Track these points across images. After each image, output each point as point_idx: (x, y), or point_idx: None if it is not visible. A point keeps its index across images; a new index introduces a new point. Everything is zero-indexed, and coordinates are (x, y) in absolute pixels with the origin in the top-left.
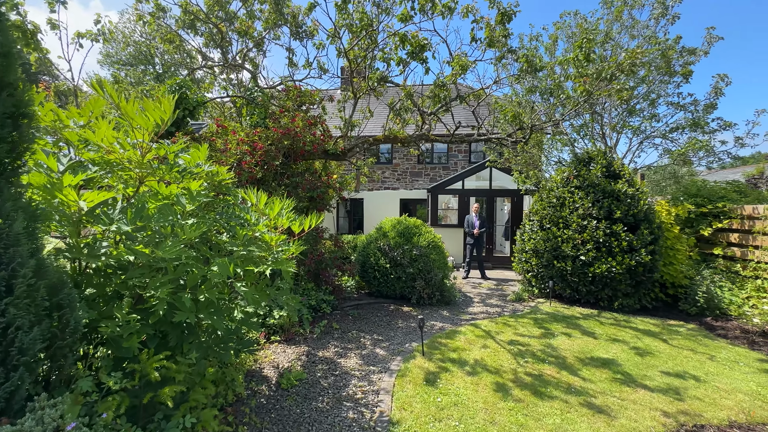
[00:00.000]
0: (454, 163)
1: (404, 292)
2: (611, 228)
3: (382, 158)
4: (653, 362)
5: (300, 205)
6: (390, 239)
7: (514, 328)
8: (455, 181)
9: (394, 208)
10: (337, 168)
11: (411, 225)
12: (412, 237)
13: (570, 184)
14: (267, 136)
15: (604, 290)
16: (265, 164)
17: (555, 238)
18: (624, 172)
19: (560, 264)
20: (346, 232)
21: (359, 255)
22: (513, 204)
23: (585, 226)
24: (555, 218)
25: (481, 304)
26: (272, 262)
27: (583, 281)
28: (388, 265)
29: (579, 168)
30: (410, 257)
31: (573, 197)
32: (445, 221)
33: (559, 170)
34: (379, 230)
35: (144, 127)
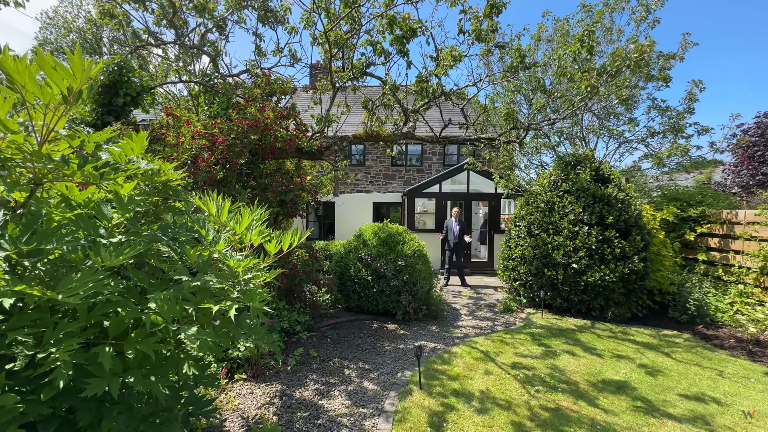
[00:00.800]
0: (428, 165)
1: (388, 307)
2: (603, 234)
3: (354, 160)
4: (667, 383)
5: (270, 211)
6: (371, 248)
7: (513, 347)
8: (432, 184)
9: (367, 211)
10: (311, 169)
11: (394, 232)
12: (396, 245)
13: (558, 188)
14: (230, 128)
15: (597, 299)
16: (227, 162)
17: (545, 244)
18: (613, 176)
19: (551, 272)
20: (316, 238)
21: (336, 266)
22: (490, 208)
23: (577, 232)
24: (544, 224)
25: (470, 317)
26: (238, 296)
27: (575, 290)
28: (370, 277)
29: (567, 171)
30: (394, 268)
31: (562, 202)
32: (421, 226)
33: (544, 174)
34: (358, 238)
35: (44, 99)
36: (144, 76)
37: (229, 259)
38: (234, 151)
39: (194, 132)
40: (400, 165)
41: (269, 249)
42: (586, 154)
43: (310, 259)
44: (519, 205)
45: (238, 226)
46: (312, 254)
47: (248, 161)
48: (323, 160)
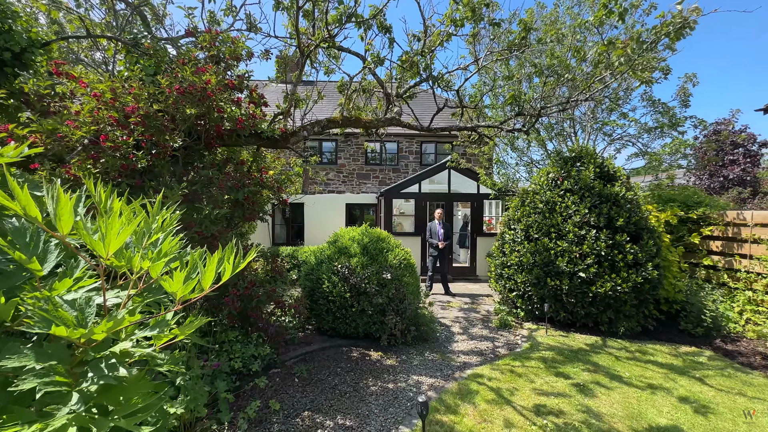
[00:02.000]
0: (404, 164)
1: (370, 330)
2: (613, 238)
3: (325, 158)
4: (723, 425)
5: (216, 214)
6: (351, 258)
7: (528, 379)
8: (411, 183)
9: (339, 213)
10: (275, 161)
11: (376, 238)
12: (379, 254)
13: (559, 187)
14: (152, 95)
15: (606, 312)
16: (153, 146)
17: (546, 250)
18: (619, 174)
19: (554, 282)
20: (283, 243)
21: (306, 279)
22: (473, 209)
23: (583, 236)
24: (544, 227)
25: (465, 337)
26: (88, 392)
27: (581, 302)
28: (348, 293)
29: (567, 168)
30: (378, 282)
31: (565, 202)
32: (399, 229)
33: (541, 171)
34: (333, 244)
35: None
36: (34, 26)
37: (69, 314)
38: (157, 127)
39: (95, 96)
40: (375, 164)
41: (171, 288)
42: (587, 149)
43: (272, 273)
44: (513, 205)
45: (100, 242)
46: (275, 266)
47: (187, 147)
48: (289, 150)
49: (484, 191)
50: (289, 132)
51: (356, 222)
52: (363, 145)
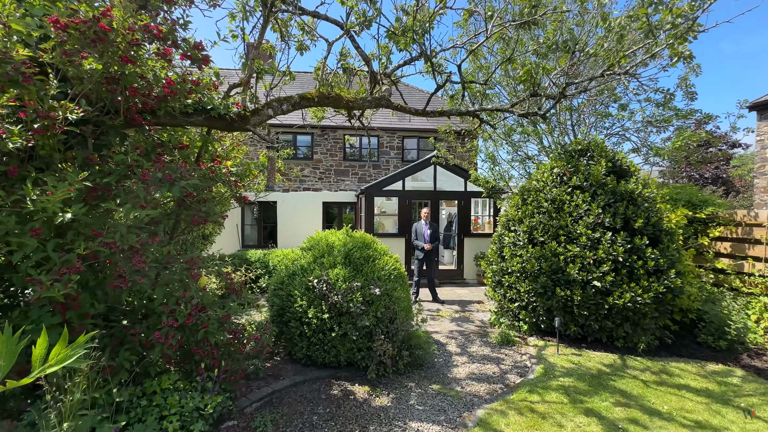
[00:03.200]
0: (385, 161)
1: (353, 358)
2: (632, 242)
3: (300, 153)
4: None
5: (135, 216)
6: (331, 269)
7: (555, 422)
8: (394, 180)
9: (315, 213)
10: (235, 150)
11: (360, 243)
12: (365, 264)
13: (566, 183)
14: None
15: (623, 326)
16: (36, 117)
17: (555, 256)
18: (633, 169)
19: (564, 292)
20: (254, 245)
21: (274, 296)
22: (460, 208)
23: (598, 240)
24: (551, 228)
25: (465, 358)
26: None
27: (596, 315)
28: (327, 315)
29: (574, 163)
30: (364, 300)
31: (574, 200)
32: (381, 230)
33: (543, 166)
34: (308, 252)
35: None
36: None
37: None
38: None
39: None
40: (354, 160)
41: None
42: (597, 141)
43: (225, 292)
44: (512, 204)
45: None
46: (230, 284)
47: (99, 124)
48: (253, 135)
49: (472, 189)
50: (249, 110)
51: (334, 222)
52: (343, 138)
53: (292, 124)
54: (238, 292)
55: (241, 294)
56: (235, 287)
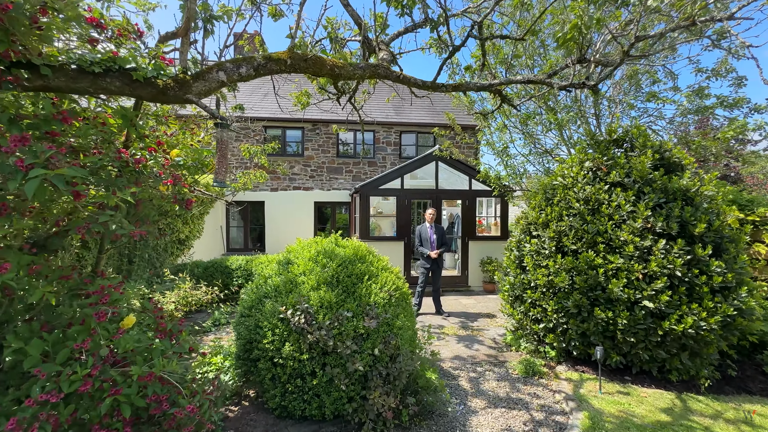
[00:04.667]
0: (382, 157)
1: (342, 410)
2: (692, 252)
3: (289, 148)
4: None
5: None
6: (312, 291)
7: None
8: (392, 178)
9: (306, 214)
10: (186, 135)
11: (352, 257)
12: (357, 285)
13: (603, 180)
14: None
15: (679, 356)
16: None
17: (593, 268)
18: (687, 162)
19: (605, 313)
20: (241, 249)
21: (239, 324)
22: (464, 208)
23: (648, 249)
24: (586, 235)
25: (484, 401)
26: None
27: (645, 342)
28: (306, 355)
29: (610, 155)
30: (357, 333)
31: (614, 199)
32: (378, 232)
33: (571, 158)
34: (285, 268)
35: None
36: None
37: None
38: None
39: None
40: (348, 156)
41: None
42: (639, 128)
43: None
44: (533, 204)
45: None
46: (158, 324)
47: None
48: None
49: (477, 188)
50: (189, 74)
51: (328, 223)
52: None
53: (282, 117)
54: (174, 335)
55: (178, 336)
56: (166, 327)
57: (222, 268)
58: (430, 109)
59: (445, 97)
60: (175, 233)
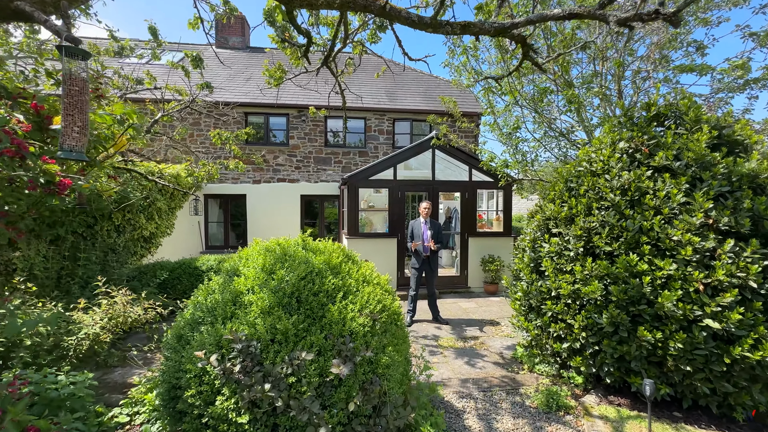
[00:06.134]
0: (373, 147)
1: None
2: None
3: (274, 137)
4: None
5: None
6: (263, 315)
7: None
8: (384, 168)
9: (293, 207)
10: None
11: (322, 266)
12: (327, 304)
13: (642, 163)
14: None
15: (749, 390)
16: None
17: (634, 276)
18: (755, 140)
19: (653, 334)
20: (221, 247)
21: (167, 360)
22: (464, 202)
23: (712, 251)
24: (626, 233)
25: None
26: None
27: (706, 372)
28: (247, 417)
29: (651, 133)
30: (322, 381)
31: (661, 188)
32: (368, 228)
33: (598, 139)
34: (230, 278)
35: None
36: None
37: None
38: None
39: None
40: (338, 146)
41: None
42: (689, 98)
43: None
44: (552, 196)
45: None
46: None
47: None
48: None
49: (478, 178)
50: None
51: (317, 218)
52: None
53: (265, 103)
54: None
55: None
56: None
57: (191, 270)
58: (426, 96)
59: (442, 83)
60: (137, 230)
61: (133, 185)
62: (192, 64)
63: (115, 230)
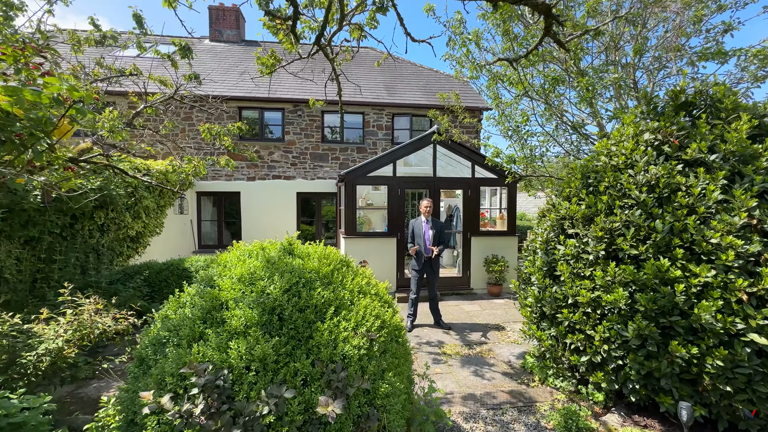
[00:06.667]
0: (372, 143)
1: None
2: None
3: (269, 133)
4: None
5: None
6: (228, 343)
7: None
8: (383, 164)
9: (289, 205)
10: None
11: (310, 276)
12: (313, 326)
13: (672, 157)
14: None
15: None
16: None
17: (665, 283)
18: None
19: (687, 349)
20: (215, 246)
21: (124, 391)
22: (466, 199)
23: (756, 256)
24: (654, 234)
25: None
26: None
27: (749, 393)
28: None
29: (680, 123)
30: (309, 419)
31: (694, 184)
32: (366, 227)
33: (618, 131)
34: (206, 288)
35: None
36: None
37: None
38: None
39: None
40: (335, 142)
41: None
42: (723, 84)
43: None
44: (567, 193)
45: None
46: None
47: None
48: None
49: (481, 175)
50: None
51: (313, 216)
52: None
53: (259, 97)
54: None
55: None
56: None
57: (179, 272)
58: (426, 90)
59: (442, 78)
60: (122, 229)
61: (116, 182)
62: (180, 54)
63: (98, 230)
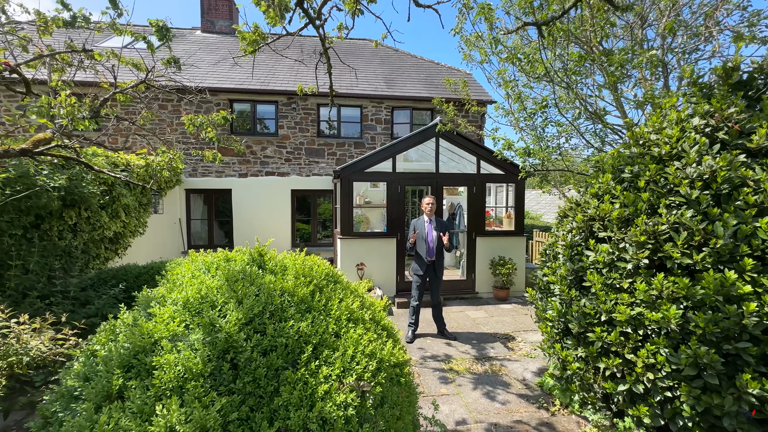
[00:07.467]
0: (370, 137)
1: None
2: None
3: (266, 129)
4: None
5: None
6: (155, 404)
7: None
8: (382, 159)
9: (283, 203)
10: None
11: (282, 302)
12: (281, 376)
13: (732, 145)
14: None
15: None
16: None
17: (731, 301)
18: None
19: (759, 384)
20: (205, 246)
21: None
22: (471, 197)
23: None
24: (714, 239)
25: None
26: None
27: None
28: None
29: (739, 105)
30: None
31: (762, 177)
32: (364, 227)
33: (656, 117)
34: (138, 321)
35: None
36: None
37: None
38: None
39: None
40: (331, 136)
41: None
42: None
43: None
44: (596, 189)
45: None
46: None
47: None
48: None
49: (488, 171)
50: None
51: (310, 214)
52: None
53: (251, 89)
54: None
55: None
56: None
57: (161, 276)
58: (427, 82)
59: (444, 70)
60: (97, 230)
61: (87, 179)
62: (157, 35)
63: (70, 230)
